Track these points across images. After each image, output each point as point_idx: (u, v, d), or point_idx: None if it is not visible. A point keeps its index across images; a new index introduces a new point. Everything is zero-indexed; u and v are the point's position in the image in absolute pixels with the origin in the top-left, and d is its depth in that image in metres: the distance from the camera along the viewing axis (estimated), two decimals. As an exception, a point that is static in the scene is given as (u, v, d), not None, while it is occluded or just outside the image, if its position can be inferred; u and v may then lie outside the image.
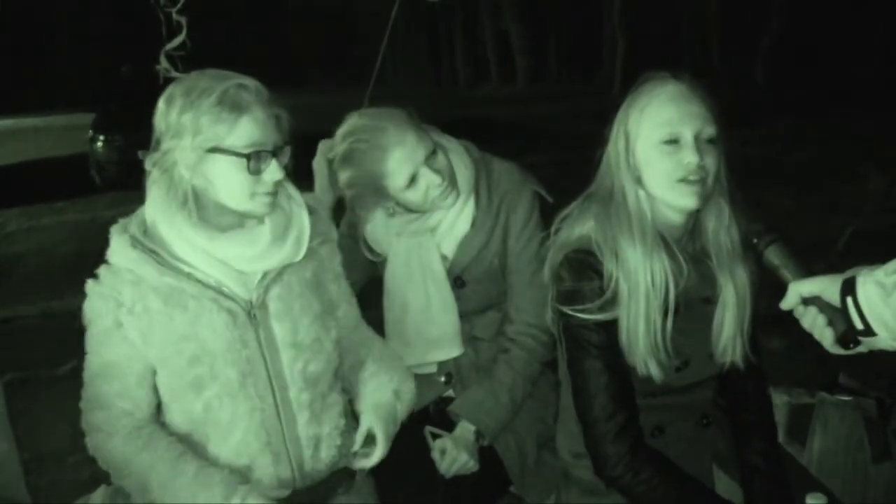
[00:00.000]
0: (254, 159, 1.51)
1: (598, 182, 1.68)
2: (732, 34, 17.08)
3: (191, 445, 1.61)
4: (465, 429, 1.91)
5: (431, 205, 1.92)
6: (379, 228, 2.03)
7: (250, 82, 1.54)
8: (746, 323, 1.66)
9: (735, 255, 1.64)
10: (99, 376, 1.61)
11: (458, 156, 1.98)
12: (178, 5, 2.17)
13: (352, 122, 1.93)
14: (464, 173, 1.96)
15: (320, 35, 29.13)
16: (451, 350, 2.01)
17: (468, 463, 1.86)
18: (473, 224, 1.97)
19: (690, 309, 1.63)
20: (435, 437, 1.92)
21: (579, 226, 1.64)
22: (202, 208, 1.59)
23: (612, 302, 1.57)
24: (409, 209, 1.97)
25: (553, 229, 1.72)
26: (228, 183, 1.54)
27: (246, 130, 1.50)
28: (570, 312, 1.59)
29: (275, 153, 1.54)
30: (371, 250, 2.07)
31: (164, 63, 2.11)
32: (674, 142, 1.56)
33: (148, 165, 1.57)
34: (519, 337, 1.97)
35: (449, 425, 1.95)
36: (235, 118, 1.50)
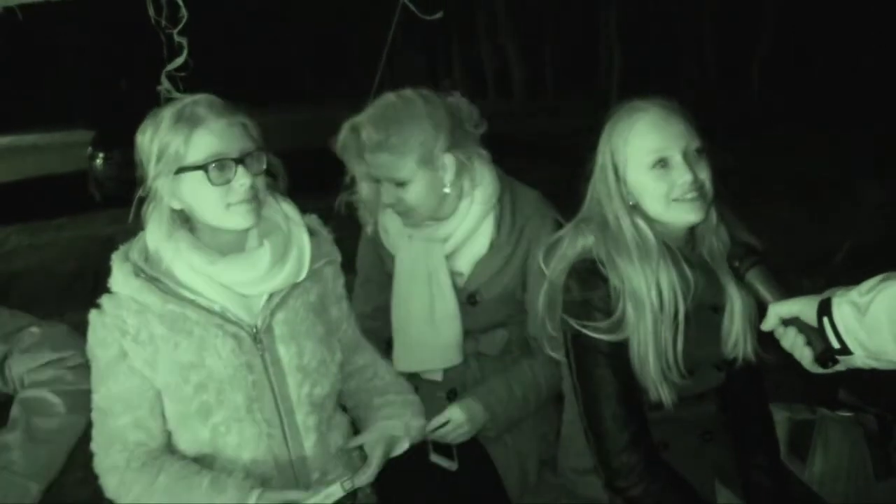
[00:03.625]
0: (215, 169, 1.51)
1: (586, 213, 1.69)
2: (728, 47, 17.15)
3: None
4: (477, 409, 1.90)
5: (400, 218, 1.96)
6: (394, 225, 2.04)
7: (202, 97, 1.56)
8: (754, 317, 1.67)
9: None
10: (109, 410, 1.58)
11: (486, 167, 1.97)
12: (180, 26, 2.18)
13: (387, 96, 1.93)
14: (486, 188, 1.95)
15: (318, 51, 29.28)
16: (452, 358, 2.00)
17: (464, 432, 1.87)
18: (492, 246, 1.96)
19: (698, 317, 1.63)
20: (437, 447, 1.91)
21: (582, 239, 1.65)
22: (196, 231, 1.59)
23: (620, 324, 1.57)
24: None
25: (541, 258, 1.72)
26: (200, 199, 1.54)
27: (201, 142, 1.51)
28: (580, 328, 1.59)
29: (242, 160, 1.53)
30: (383, 246, 2.09)
31: (165, 83, 2.12)
32: (664, 165, 1.58)
33: (142, 194, 1.58)
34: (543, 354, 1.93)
35: (451, 444, 1.94)
36: (189, 133, 1.50)
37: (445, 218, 1.96)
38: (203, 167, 1.50)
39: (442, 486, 1.89)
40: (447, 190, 1.91)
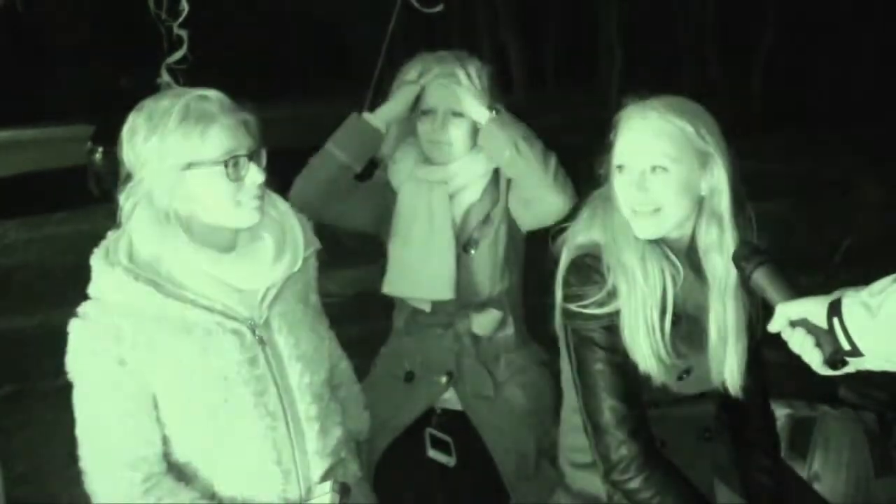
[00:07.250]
0: (232, 166, 1.48)
1: (603, 184, 1.70)
2: (729, 45, 17.14)
3: (191, 473, 1.55)
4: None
5: (427, 146, 2.12)
6: (403, 167, 2.15)
7: (210, 93, 1.52)
8: (744, 352, 1.64)
9: (729, 281, 1.61)
10: (104, 423, 1.49)
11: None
12: (180, 19, 2.18)
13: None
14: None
15: (319, 46, 29.22)
16: (443, 291, 2.06)
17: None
18: (483, 193, 2.09)
19: (694, 319, 1.63)
20: (434, 440, 1.91)
21: (587, 230, 1.66)
22: (189, 231, 1.54)
23: (613, 296, 1.58)
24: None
25: (552, 233, 1.72)
26: (211, 196, 1.50)
27: (218, 139, 1.47)
28: (575, 309, 1.59)
29: (251, 157, 1.52)
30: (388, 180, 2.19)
31: (165, 76, 2.12)
32: (622, 171, 1.59)
33: (122, 199, 1.53)
34: None
35: (450, 436, 1.94)
36: (203, 129, 1.46)
37: (454, 161, 2.10)
38: (223, 163, 1.48)
39: (440, 480, 1.89)
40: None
